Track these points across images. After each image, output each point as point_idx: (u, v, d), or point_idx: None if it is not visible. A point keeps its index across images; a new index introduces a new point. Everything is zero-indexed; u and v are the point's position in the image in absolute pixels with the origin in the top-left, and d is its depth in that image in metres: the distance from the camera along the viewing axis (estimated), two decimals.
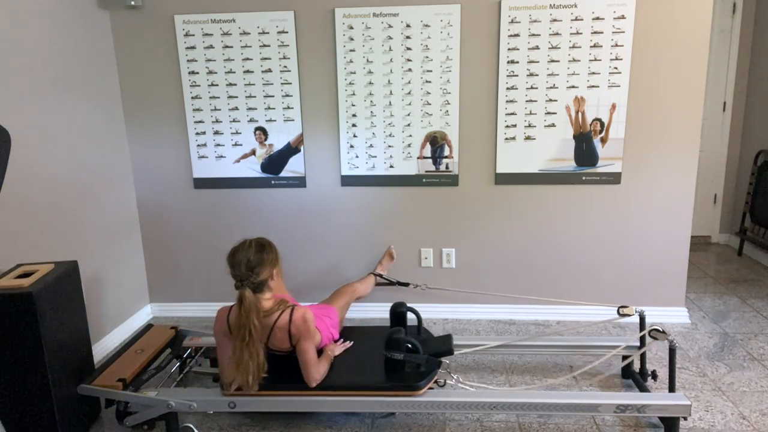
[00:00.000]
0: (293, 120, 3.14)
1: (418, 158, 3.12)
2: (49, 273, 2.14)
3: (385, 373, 2.21)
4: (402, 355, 2.16)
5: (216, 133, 3.19)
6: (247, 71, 3.09)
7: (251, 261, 2.03)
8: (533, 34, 2.92)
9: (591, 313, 3.23)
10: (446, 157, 3.11)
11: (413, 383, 2.13)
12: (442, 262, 3.27)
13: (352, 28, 2.99)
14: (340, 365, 2.29)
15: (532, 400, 2.07)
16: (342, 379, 2.19)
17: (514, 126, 3.04)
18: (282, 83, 3.09)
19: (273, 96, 3.11)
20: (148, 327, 2.65)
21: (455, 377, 2.22)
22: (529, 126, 3.03)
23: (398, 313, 2.54)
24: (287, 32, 3.03)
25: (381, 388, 2.14)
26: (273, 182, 3.23)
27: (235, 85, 3.11)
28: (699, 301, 3.47)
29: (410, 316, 2.58)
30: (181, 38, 3.07)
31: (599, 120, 2.98)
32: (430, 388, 2.17)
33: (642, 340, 2.46)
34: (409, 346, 2.19)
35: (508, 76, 2.98)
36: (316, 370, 2.13)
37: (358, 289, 2.84)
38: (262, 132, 3.17)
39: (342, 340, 2.49)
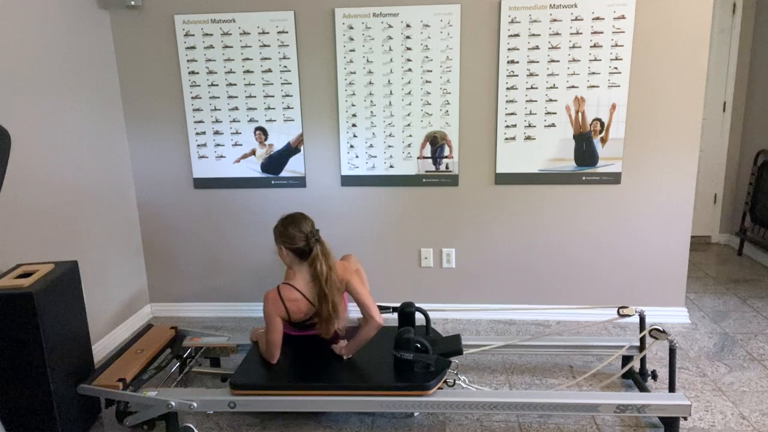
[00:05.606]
0: (293, 120, 3.14)
1: (418, 158, 3.12)
2: (49, 273, 2.14)
3: (394, 373, 2.20)
4: (411, 354, 2.16)
5: (216, 133, 3.19)
6: (247, 71, 3.09)
7: (311, 222, 2.34)
8: (533, 34, 2.92)
9: (591, 314, 3.23)
10: (446, 157, 3.11)
11: (423, 383, 2.11)
12: (442, 262, 3.27)
13: (352, 28, 2.99)
14: (349, 365, 2.28)
15: (532, 400, 2.07)
16: (351, 379, 2.18)
17: (514, 126, 3.04)
18: (282, 83, 3.09)
19: (273, 96, 3.11)
20: (148, 327, 2.65)
21: (462, 378, 2.21)
22: (529, 126, 3.03)
23: (406, 312, 2.49)
24: (287, 32, 3.03)
25: (391, 388, 2.13)
26: (273, 182, 3.23)
27: (235, 85, 3.11)
28: (699, 301, 3.47)
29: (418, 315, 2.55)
30: (181, 38, 3.07)
31: (599, 120, 2.98)
32: (440, 388, 2.16)
33: (642, 341, 2.46)
34: (419, 345, 2.18)
35: (508, 76, 2.98)
36: (375, 306, 2.28)
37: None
38: (262, 132, 3.17)
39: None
